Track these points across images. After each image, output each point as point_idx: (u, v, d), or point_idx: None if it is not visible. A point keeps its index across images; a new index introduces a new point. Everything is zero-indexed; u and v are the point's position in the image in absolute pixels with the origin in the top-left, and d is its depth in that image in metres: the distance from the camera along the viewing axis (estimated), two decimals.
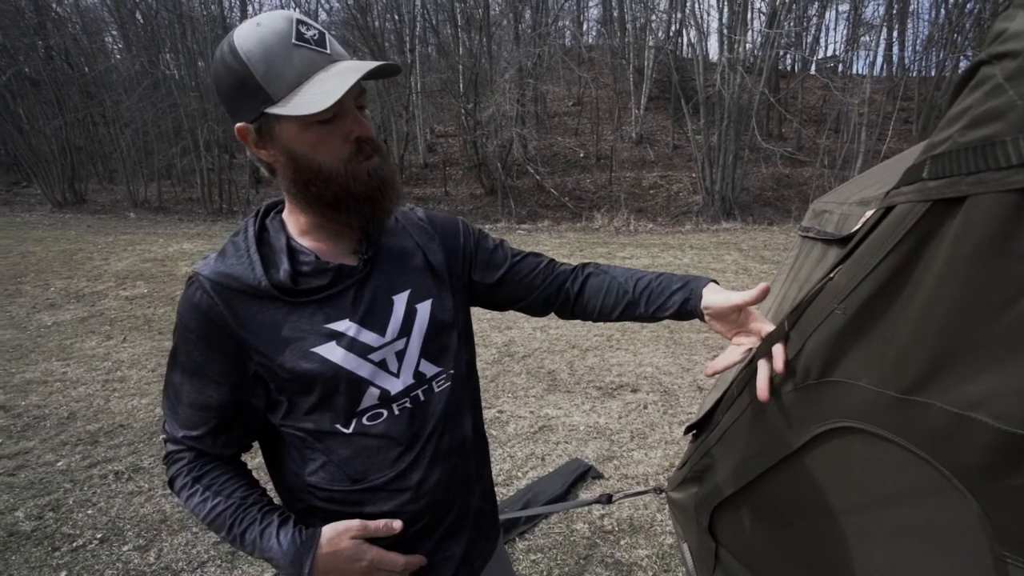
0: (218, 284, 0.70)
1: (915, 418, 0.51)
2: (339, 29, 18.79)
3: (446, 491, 0.79)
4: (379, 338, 0.75)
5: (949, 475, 0.49)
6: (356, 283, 0.75)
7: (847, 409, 0.59)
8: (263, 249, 0.73)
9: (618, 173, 14.69)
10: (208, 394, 0.73)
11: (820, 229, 1.37)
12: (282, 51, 0.62)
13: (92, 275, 7.46)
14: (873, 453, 0.57)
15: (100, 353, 4.64)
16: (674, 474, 1.15)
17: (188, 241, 10.10)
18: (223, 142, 14.52)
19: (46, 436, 3.16)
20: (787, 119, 15.68)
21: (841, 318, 0.57)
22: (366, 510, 0.76)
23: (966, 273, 0.45)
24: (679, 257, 8.68)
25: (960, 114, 0.45)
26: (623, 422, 3.31)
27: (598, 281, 0.90)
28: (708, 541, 0.99)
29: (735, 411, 0.81)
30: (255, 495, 0.76)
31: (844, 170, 12.91)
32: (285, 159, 0.69)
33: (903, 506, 0.56)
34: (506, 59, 14.75)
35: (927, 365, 0.49)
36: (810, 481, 0.68)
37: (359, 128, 0.69)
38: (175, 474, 0.77)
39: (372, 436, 0.75)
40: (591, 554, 2.12)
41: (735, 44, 12.36)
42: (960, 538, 0.51)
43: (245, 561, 2.10)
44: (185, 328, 0.72)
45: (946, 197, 0.46)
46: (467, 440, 0.83)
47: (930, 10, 20.63)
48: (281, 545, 0.70)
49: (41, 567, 2.06)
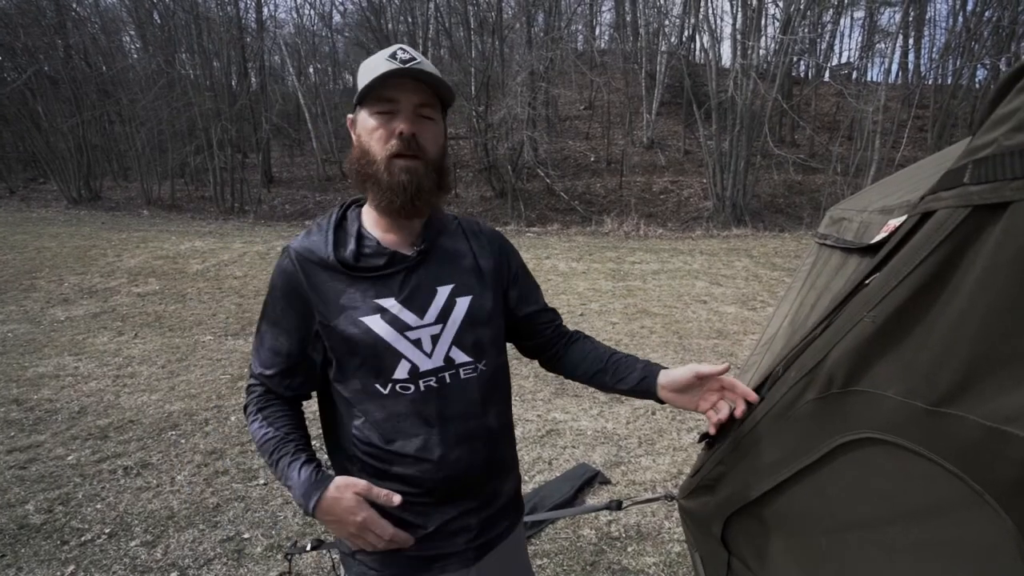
0: (300, 255, 0.87)
1: (946, 431, 0.49)
2: (353, 31, 18.95)
3: (467, 469, 0.89)
4: (417, 319, 0.86)
5: (981, 490, 0.47)
6: (406, 269, 0.87)
7: (872, 420, 0.57)
8: (339, 232, 0.89)
9: (628, 177, 14.64)
10: (281, 342, 0.88)
11: (839, 237, 1.34)
12: (375, 64, 0.81)
13: (105, 271, 7.55)
14: (899, 466, 0.55)
15: (111, 349, 4.68)
16: (686, 481, 1.13)
17: (200, 239, 10.19)
18: (236, 141, 14.68)
19: (57, 430, 3.19)
20: (800, 126, 15.56)
21: (870, 326, 0.55)
22: (393, 470, 0.86)
23: (1006, 281, 0.43)
24: (689, 263, 8.61)
25: (1006, 116, 0.43)
26: (631, 428, 3.28)
27: (582, 347, 1.05)
28: (720, 551, 0.97)
29: (752, 418, 0.79)
30: (297, 434, 0.89)
31: (857, 178, 12.77)
32: (356, 140, 0.87)
33: (931, 522, 0.54)
34: (518, 62, 14.77)
35: (961, 376, 0.47)
36: (831, 493, 0.66)
37: (406, 126, 0.81)
38: (248, 402, 0.93)
39: (401, 405, 0.86)
40: (598, 560, 2.09)
41: (748, 50, 12.29)
42: (991, 557, 0.48)
43: (251, 559, 2.10)
44: (273, 287, 0.90)
45: (988, 203, 0.44)
46: (492, 429, 0.92)
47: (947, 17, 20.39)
48: (300, 478, 0.81)
49: (50, 560, 2.07)
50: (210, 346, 4.78)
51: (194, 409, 3.50)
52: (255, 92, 15.86)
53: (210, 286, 6.91)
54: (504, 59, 14.93)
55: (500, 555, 0.96)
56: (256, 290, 6.75)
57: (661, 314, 5.78)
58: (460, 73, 15.80)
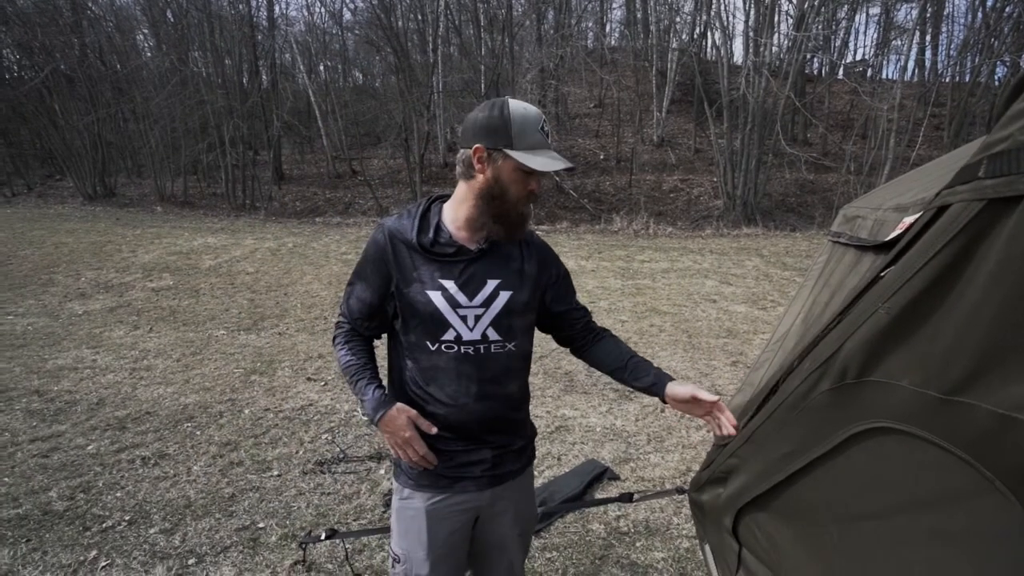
0: (391, 232, 1.12)
1: (958, 419, 0.50)
2: (363, 29, 19.02)
3: (483, 420, 1.14)
4: (468, 300, 1.10)
5: (992, 477, 0.48)
6: (467, 261, 1.11)
7: (885, 409, 0.58)
8: (423, 220, 1.12)
9: (638, 176, 14.58)
10: (367, 294, 1.15)
11: (852, 235, 1.35)
12: (530, 127, 1.05)
13: (121, 266, 7.68)
14: (911, 454, 0.57)
15: (128, 342, 4.77)
16: (696, 475, 1.15)
17: (212, 236, 10.31)
18: (247, 139, 14.81)
19: (77, 420, 3.26)
20: (813, 124, 15.39)
21: (885, 317, 0.57)
22: (427, 407, 1.13)
23: (1019, 273, 0.44)
24: (698, 262, 8.58)
25: (1022, 113, 0.44)
26: (640, 425, 3.29)
27: (606, 345, 1.29)
28: (731, 543, 0.98)
29: (765, 411, 0.80)
30: (372, 364, 1.19)
31: (871, 176, 12.61)
32: (492, 178, 1.07)
33: (942, 509, 0.55)
34: (528, 60, 14.75)
35: (973, 365, 0.48)
36: (843, 482, 0.67)
37: (537, 188, 1.10)
38: (336, 334, 1.23)
39: (442, 360, 1.11)
40: (607, 555, 2.11)
41: (761, 47, 12.18)
42: (1001, 542, 0.50)
43: (266, 548, 2.14)
44: (367, 252, 1.14)
45: (1003, 196, 0.45)
46: (510, 395, 1.17)
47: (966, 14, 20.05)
48: (372, 396, 1.12)
49: (73, 546, 2.13)
50: (223, 340, 4.85)
51: (208, 402, 3.56)
52: (266, 90, 15.99)
53: (222, 282, 7.00)
54: (514, 57, 14.91)
55: (510, 487, 1.21)
56: (267, 286, 6.84)
57: (671, 313, 5.76)
58: (470, 71, 15.80)
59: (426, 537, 1.14)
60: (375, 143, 17.83)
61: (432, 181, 15.09)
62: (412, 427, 1.10)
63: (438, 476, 1.15)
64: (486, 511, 1.20)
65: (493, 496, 1.19)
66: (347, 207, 14.48)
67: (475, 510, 1.19)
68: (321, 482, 2.62)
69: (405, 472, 1.18)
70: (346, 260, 8.40)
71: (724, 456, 0.96)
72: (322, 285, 6.90)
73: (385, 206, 13.94)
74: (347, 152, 17.03)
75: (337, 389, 3.79)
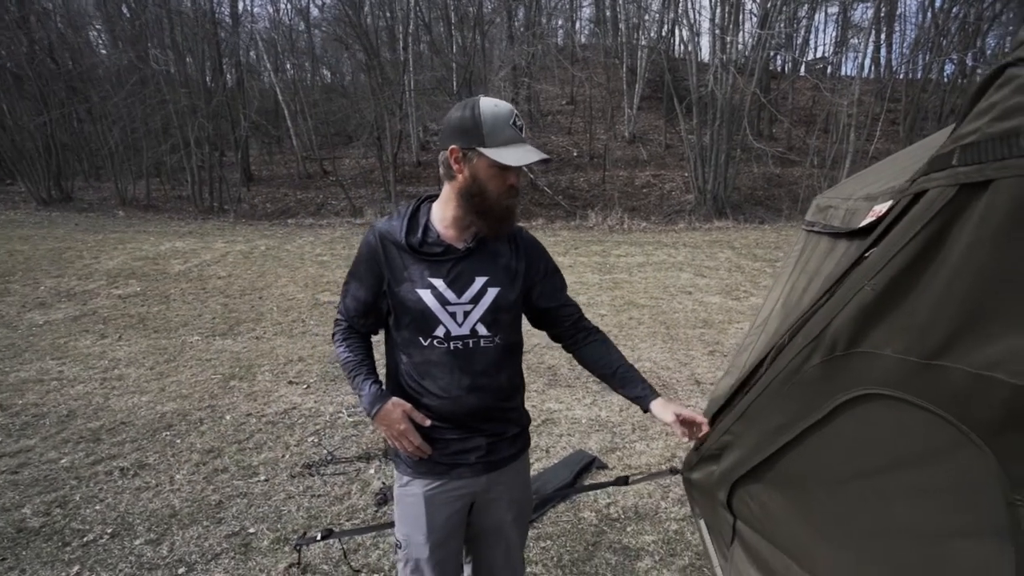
0: (382, 234, 1.16)
1: (937, 381, 0.56)
2: (331, 25, 18.67)
3: (474, 410, 1.18)
4: (456, 297, 1.14)
5: (967, 431, 0.54)
6: (455, 259, 1.15)
7: (872, 377, 0.64)
8: (412, 221, 1.16)
9: (611, 172, 14.77)
10: (361, 293, 1.20)
11: (826, 223, 1.42)
12: (502, 123, 1.07)
13: (82, 274, 7.38)
14: (895, 417, 0.62)
15: (96, 352, 4.60)
16: (689, 455, 1.20)
17: (180, 239, 10.00)
18: (214, 139, 14.37)
19: (47, 434, 3.14)
20: (778, 119, 15.87)
21: (870, 294, 0.62)
22: (422, 400, 1.18)
23: (990, 247, 0.50)
24: (673, 255, 8.76)
25: (988, 108, 0.50)
26: (624, 415, 3.36)
27: (597, 349, 1.33)
28: (726, 515, 1.03)
29: (758, 388, 0.85)
30: (369, 361, 1.25)
31: (834, 170, 13.09)
32: (469, 177, 1.10)
33: (923, 465, 0.61)
34: (500, 57, 14.75)
35: (950, 331, 0.54)
36: (832, 448, 0.72)
37: (516, 181, 1.13)
38: (335, 331, 1.29)
39: (434, 355, 1.16)
40: (599, 540, 2.17)
41: (728, 45, 12.49)
42: (976, 490, 0.55)
43: (259, 552, 2.12)
44: (360, 253, 1.19)
45: (973, 181, 0.51)
46: (500, 387, 1.22)
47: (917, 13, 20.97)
48: (369, 391, 1.18)
49: (53, 562, 2.06)
50: (198, 347, 4.73)
51: (187, 409, 3.48)
52: (232, 88, 15.54)
53: (194, 287, 6.81)
54: (485, 54, 14.89)
55: (505, 473, 1.26)
56: (241, 290, 6.68)
57: (648, 305, 5.88)
58: (442, 68, 15.71)
59: (424, 522, 1.19)
60: (346, 142, 17.55)
61: (406, 180, 14.96)
62: (407, 420, 1.15)
63: (435, 463, 1.20)
64: (481, 497, 1.25)
65: (488, 482, 1.24)
66: (319, 208, 14.23)
67: (471, 496, 1.24)
68: (310, 485, 2.60)
69: (404, 461, 1.23)
70: (322, 262, 8.27)
71: (717, 434, 1.01)
72: (298, 288, 6.78)
73: (359, 206, 13.76)
74: (317, 152, 16.72)
75: (320, 392, 3.75)
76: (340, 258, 8.55)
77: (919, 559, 0.63)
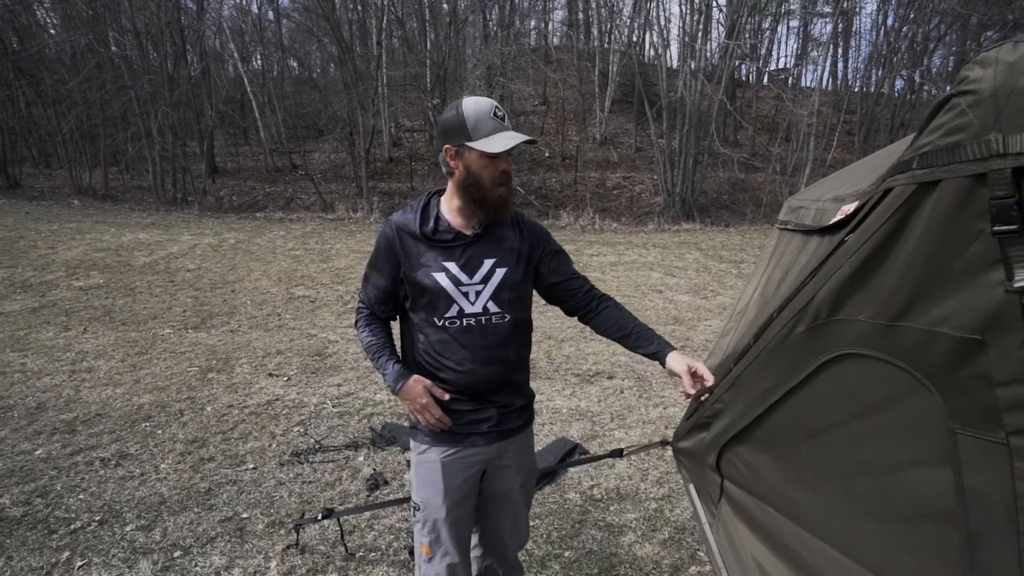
0: (398, 225, 1.28)
1: (898, 338, 0.70)
2: (301, 15, 18.27)
3: (488, 382, 1.30)
4: (468, 279, 1.26)
5: (920, 376, 0.68)
6: (465, 244, 1.27)
7: (847, 340, 0.78)
8: (424, 213, 1.28)
9: (583, 173, 15.05)
10: (381, 282, 1.31)
11: (798, 222, 1.59)
12: (484, 117, 1.19)
13: (38, 264, 7.05)
14: (864, 371, 0.77)
15: (60, 344, 4.45)
16: (680, 426, 1.33)
17: (143, 231, 9.64)
18: (177, 128, 13.87)
19: (16, 426, 3.05)
20: (743, 127, 16.50)
21: (848, 270, 0.76)
22: (440, 374, 1.29)
23: (937, 230, 0.64)
24: (643, 255, 9.04)
25: (938, 127, 0.65)
26: (602, 405, 3.52)
27: (611, 314, 1.44)
28: (715, 477, 1.17)
29: (748, 359, 0.99)
30: (391, 343, 1.36)
31: (794, 176, 13.73)
32: (464, 170, 1.22)
33: (884, 409, 0.76)
34: (475, 56, 14.79)
35: (908, 298, 0.68)
36: (811, 404, 0.86)
37: (506, 167, 1.24)
38: (358, 319, 1.39)
39: (449, 334, 1.27)
40: (584, 519, 2.30)
41: (697, 53, 12.92)
42: (926, 424, 0.70)
43: (254, 536, 2.15)
44: (379, 245, 1.30)
45: (927, 180, 0.65)
46: (509, 360, 1.33)
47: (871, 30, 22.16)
48: (393, 370, 1.29)
49: (41, 549, 2.04)
50: (170, 339, 4.63)
51: (165, 401, 3.43)
52: (196, 77, 15.02)
53: (161, 279, 6.62)
54: (459, 52, 14.91)
55: (513, 442, 1.38)
56: (212, 283, 6.54)
57: (621, 303, 6.09)
58: (416, 65, 15.63)
59: (441, 485, 1.30)
60: (316, 136, 17.23)
61: (378, 176, 14.83)
62: (428, 395, 1.26)
63: (451, 433, 1.31)
64: (492, 464, 1.36)
65: (499, 450, 1.35)
66: (289, 202, 13.94)
67: (483, 463, 1.35)
68: (300, 472, 2.64)
69: (422, 431, 1.33)
70: (295, 256, 8.16)
71: (708, 404, 1.15)
72: (271, 282, 6.68)
73: (329, 201, 13.55)
74: (286, 145, 16.36)
75: (302, 384, 3.76)
76: (313, 253, 8.44)
77: (878, 490, 0.78)
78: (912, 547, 0.79)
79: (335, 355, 4.33)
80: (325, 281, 6.75)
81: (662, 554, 2.10)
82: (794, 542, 1.00)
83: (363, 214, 12.78)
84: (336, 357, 4.29)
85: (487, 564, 1.52)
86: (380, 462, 2.75)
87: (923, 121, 0.69)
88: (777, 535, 1.04)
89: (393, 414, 3.31)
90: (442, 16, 15.53)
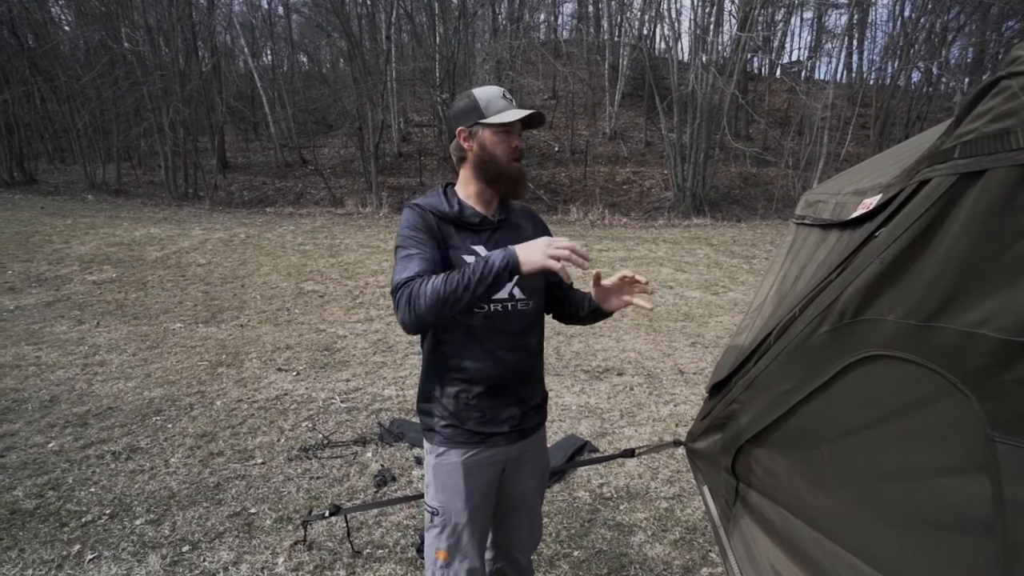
0: (424, 207, 1.23)
1: (932, 339, 0.66)
2: (311, 10, 18.27)
3: (513, 370, 1.27)
4: None
5: (955, 380, 0.64)
6: (491, 229, 1.28)
7: (875, 341, 0.74)
8: (446, 197, 1.26)
9: (592, 168, 14.93)
10: (432, 253, 1.19)
11: (816, 217, 1.54)
12: (495, 98, 1.23)
13: (53, 259, 7.13)
14: (892, 374, 0.72)
15: (74, 337, 4.49)
16: (693, 426, 1.30)
17: (155, 226, 9.73)
18: (189, 124, 13.97)
19: (30, 419, 3.08)
20: (755, 120, 16.26)
21: (878, 267, 0.72)
22: (464, 363, 1.25)
23: (981, 225, 0.60)
24: (653, 251, 8.96)
25: (984, 112, 0.60)
26: (612, 402, 3.48)
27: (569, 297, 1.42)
28: (730, 480, 1.13)
29: (768, 358, 0.95)
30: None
31: (807, 171, 13.51)
32: (478, 148, 1.23)
33: (914, 413, 0.71)
34: (485, 50, 14.71)
35: (944, 297, 0.64)
36: (834, 407, 0.82)
37: (518, 142, 1.25)
38: (411, 287, 1.11)
39: (477, 319, 1.23)
40: (594, 518, 2.27)
41: (709, 45, 12.74)
42: (960, 430, 0.66)
43: (262, 531, 2.15)
44: (415, 226, 1.20)
45: (971, 171, 0.60)
46: (532, 348, 1.32)
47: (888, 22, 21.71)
48: (492, 254, 1.09)
49: (52, 542, 2.05)
50: (181, 334, 4.66)
51: (175, 395, 3.45)
52: (207, 73, 15.10)
53: (172, 274, 6.67)
54: (468, 47, 14.83)
55: (531, 441, 1.36)
56: (222, 278, 6.57)
57: None
58: (425, 59, 15.58)
59: (463, 488, 1.26)
60: (326, 131, 17.26)
61: (387, 171, 14.84)
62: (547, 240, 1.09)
63: (472, 433, 1.26)
64: (512, 464, 1.34)
65: (519, 449, 1.33)
66: (299, 197, 14.00)
67: (504, 463, 1.32)
68: (308, 467, 2.63)
69: (440, 432, 1.28)
70: (304, 251, 8.18)
71: (724, 405, 1.11)
72: (281, 276, 6.71)
73: (339, 196, 13.59)
74: (296, 140, 16.41)
75: (311, 379, 3.76)
76: (322, 248, 8.47)
77: (902, 496, 0.74)
78: (937, 556, 0.75)
79: (344, 350, 4.34)
80: (334, 276, 6.76)
81: (673, 555, 2.06)
82: (812, 548, 0.96)
83: (372, 209, 12.80)
84: (345, 352, 4.29)
85: (498, 567, 1.49)
86: (388, 458, 2.74)
87: (964, 106, 0.64)
88: (794, 540, 1.01)
89: (401, 410, 3.30)
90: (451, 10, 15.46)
